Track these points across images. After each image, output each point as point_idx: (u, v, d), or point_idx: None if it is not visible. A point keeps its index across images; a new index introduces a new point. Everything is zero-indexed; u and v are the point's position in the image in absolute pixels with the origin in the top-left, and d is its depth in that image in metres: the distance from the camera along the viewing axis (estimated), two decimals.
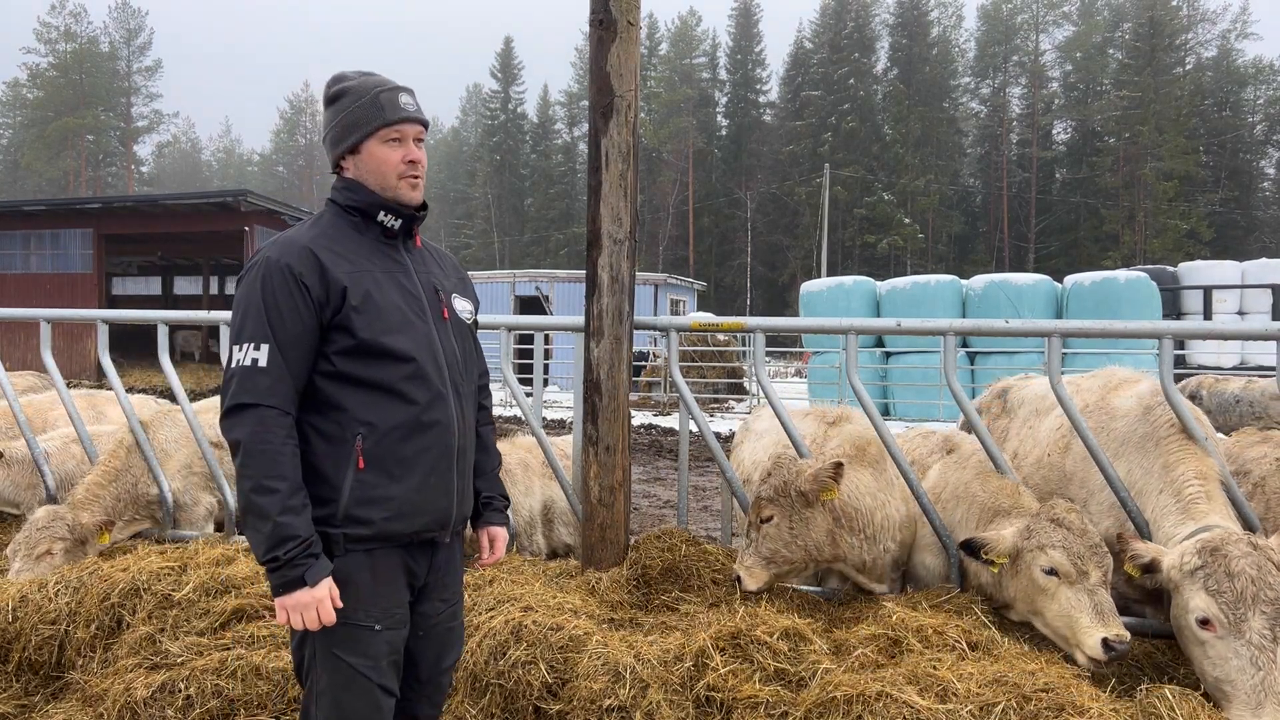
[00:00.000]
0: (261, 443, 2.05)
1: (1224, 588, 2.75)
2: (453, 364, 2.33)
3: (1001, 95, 67.01)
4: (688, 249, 64.93)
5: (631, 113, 4.01)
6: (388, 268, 2.29)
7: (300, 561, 2.03)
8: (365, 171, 2.30)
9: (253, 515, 2.05)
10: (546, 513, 4.95)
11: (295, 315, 2.13)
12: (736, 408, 19.94)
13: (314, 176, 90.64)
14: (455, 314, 2.42)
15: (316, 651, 2.18)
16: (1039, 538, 3.07)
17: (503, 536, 2.62)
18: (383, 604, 2.21)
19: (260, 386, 2.08)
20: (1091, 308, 16.16)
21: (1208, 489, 3.19)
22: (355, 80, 2.33)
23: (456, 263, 2.65)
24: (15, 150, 76.39)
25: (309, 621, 2.06)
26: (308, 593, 2.04)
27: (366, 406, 2.17)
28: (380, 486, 2.17)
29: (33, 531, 4.32)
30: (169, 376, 4.97)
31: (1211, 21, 62.99)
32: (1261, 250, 49.76)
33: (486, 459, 2.60)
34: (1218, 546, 2.83)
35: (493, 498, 2.61)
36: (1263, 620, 2.70)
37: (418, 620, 2.36)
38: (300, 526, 2.05)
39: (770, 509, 3.48)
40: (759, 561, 3.47)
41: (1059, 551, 3.01)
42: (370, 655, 2.18)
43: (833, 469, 3.40)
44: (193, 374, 23.77)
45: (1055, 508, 3.18)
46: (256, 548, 2.06)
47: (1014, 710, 2.55)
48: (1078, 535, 3.04)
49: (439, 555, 2.38)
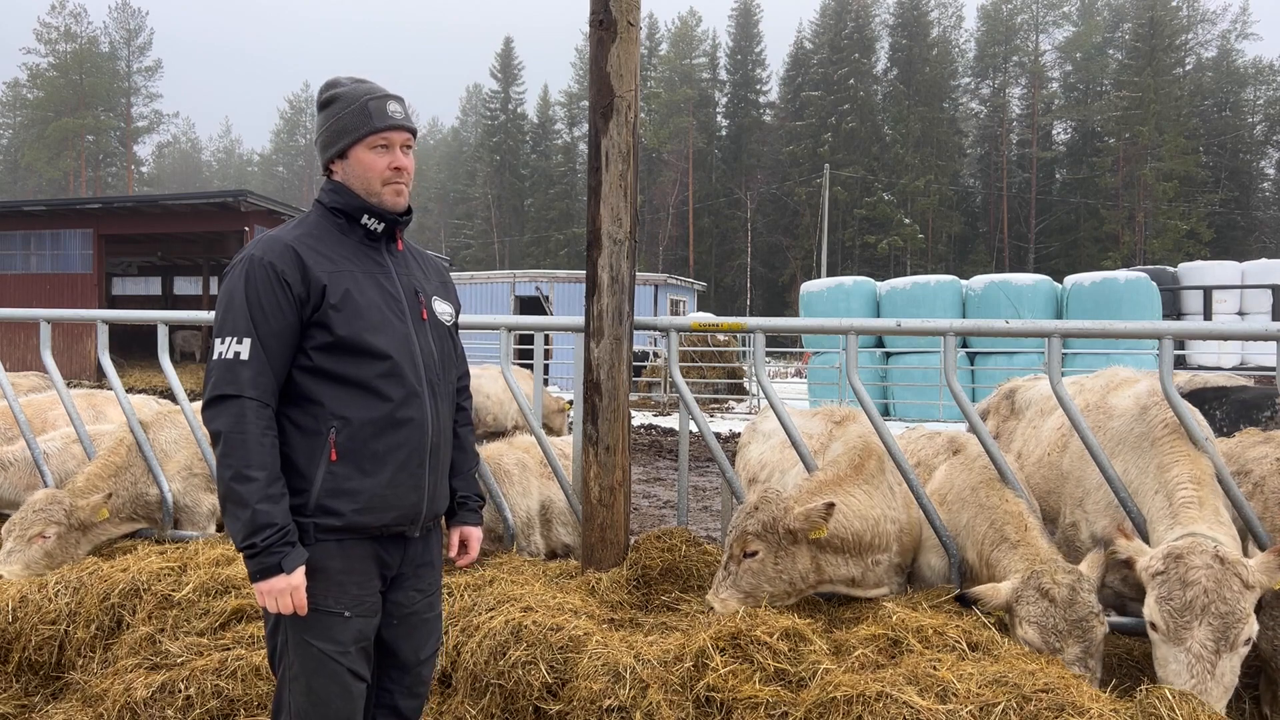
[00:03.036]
0: (241, 433, 2.12)
1: (1174, 595, 2.79)
2: (430, 364, 2.38)
3: (1001, 95, 67.01)
4: (688, 249, 64.93)
5: (631, 113, 4.01)
6: (369, 269, 2.35)
7: (278, 549, 2.10)
8: (352, 176, 2.36)
9: (232, 503, 2.11)
10: (545, 513, 4.95)
11: (277, 311, 2.19)
12: (736, 408, 19.94)
13: (314, 177, 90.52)
14: (435, 315, 2.47)
15: (289, 638, 2.24)
16: (1020, 608, 3.05)
17: (476, 536, 2.66)
18: (352, 591, 2.26)
19: (241, 379, 2.14)
20: (1091, 308, 16.17)
21: (1200, 494, 3.19)
22: (347, 87, 2.39)
23: (441, 267, 2.69)
24: (15, 150, 76.42)
25: (284, 606, 2.13)
26: (284, 579, 2.10)
27: (341, 401, 2.23)
28: (351, 479, 2.22)
29: (29, 513, 4.28)
30: (169, 377, 4.97)
31: (1211, 22, 63.13)
32: (1261, 250, 49.85)
33: (464, 459, 2.64)
34: (1181, 555, 2.85)
35: (468, 497, 2.65)
36: (1208, 631, 2.72)
37: (391, 609, 2.40)
38: (277, 514, 2.11)
39: (756, 544, 3.37)
40: (736, 594, 3.35)
41: (1033, 629, 3.00)
42: (340, 641, 2.24)
43: (824, 510, 3.32)
44: (193, 374, 23.71)
45: (1048, 575, 3.06)
46: (235, 534, 2.12)
47: (1014, 710, 2.54)
48: (1063, 608, 2.98)
49: (413, 547, 2.42)
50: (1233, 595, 2.75)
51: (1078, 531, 3.77)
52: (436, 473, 2.41)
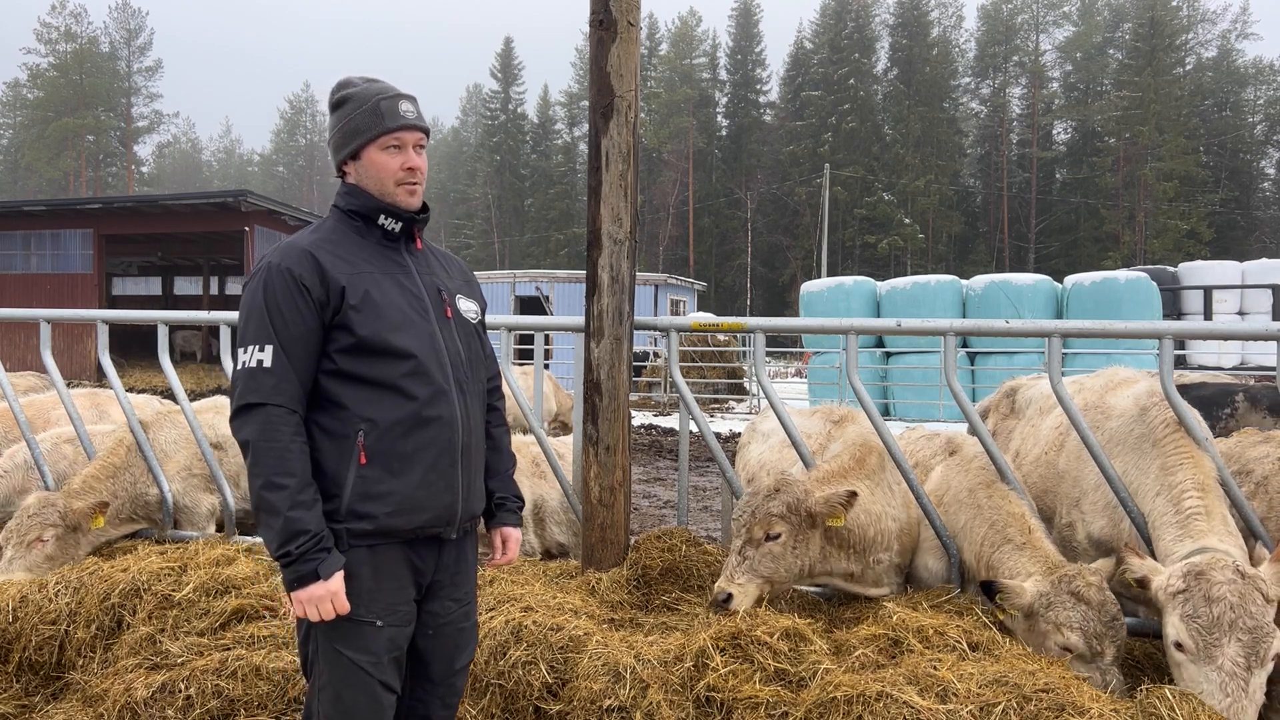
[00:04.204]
0: (269, 440, 2.10)
1: (1200, 613, 2.74)
2: (456, 361, 2.35)
3: (1001, 95, 66.99)
4: (688, 249, 64.92)
5: (631, 113, 4.01)
6: (388, 269, 2.33)
7: (313, 556, 2.07)
8: (365, 177, 2.34)
9: (264, 512, 2.09)
10: (537, 512, 4.96)
11: (297, 316, 2.17)
12: (736, 408, 19.94)
13: (314, 177, 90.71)
14: (459, 313, 2.44)
15: (320, 646, 2.21)
16: (1058, 613, 3.00)
17: (515, 537, 2.62)
18: (385, 600, 2.22)
19: (265, 386, 2.13)
20: (1091, 308, 16.17)
21: (1207, 503, 3.15)
22: (359, 87, 2.36)
23: (463, 266, 2.66)
24: (15, 150, 76.40)
25: (324, 613, 2.09)
26: (322, 586, 2.07)
27: (367, 403, 2.20)
28: (382, 482, 2.19)
29: (24, 518, 4.28)
30: (169, 377, 4.97)
31: (1211, 21, 63.10)
32: (1262, 250, 49.80)
33: (499, 459, 2.60)
34: (1203, 571, 2.80)
35: (506, 498, 2.61)
36: (1238, 647, 2.68)
37: (427, 619, 2.36)
38: (310, 521, 2.08)
39: (780, 526, 3.37)
40: (754, 579, 3.34)
41: (1076, 634, 2.96)
42: (371, 651, 2.20)
43: (846, 496, 3.35)
44: (193, 374, 23.74)
45: (1079, 578, 3.05)
46: (269, 543, 2.10)
47: (1014, 710, 2.54)
48: (1097, 610, 2.97)
49: (447, 553, 2.38)
50: (1258, 609, 2.72)
51: (1074, 531, 3.75)
52: (470, 472, 2.37)
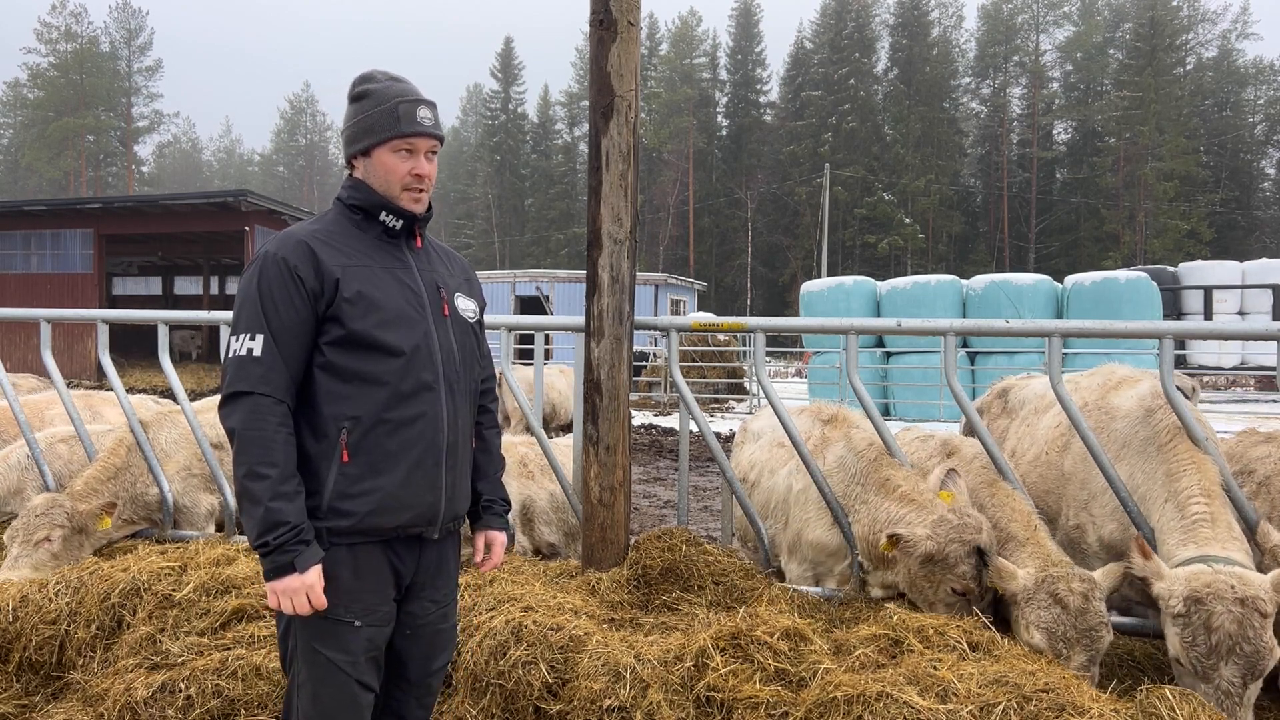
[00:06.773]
0: (254, 429, 2.08)
1: (1198, 641, 2.78)
2: (449, 360, 2.33)
3: (1002, 95, 66.98)
4: (688, 249, 64.91)
5: (632, 113, 4.01)
6: (387, 264, 2.31)
7: (291, 548, 2.05)
8: (373, 176, 2.32)
9: (246, 500, 2.08)
10: (525, 512, 4.96)
11: (289, 306, 2.15)
12: (736, 408, 19.92)
13: (314, 177, 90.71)
14: (457, 312, 2.41)
15: (298, 644, 2.21)
16: (1031, 610, 3.05)
17: (501, 540, 2.58)
18: (364, 600, 2.21)
19: (254, 375, 2.11)
20: (1092, 308, 16.17)
21: (1212, 509, 3.16)
22: (382, 84, 2.33)
23: (465, 264, 2.63)
24: (15, 150, 76.37)
25: (299, 606, 2.08)
26: (297, 578, 2.06)
27: (353, 399, 2.18)
28: (364, 479, 2.17)
29: (31, 518, 4.29)
30: (169, 377, 4.97)
31: (1211, 21, 63.11)
32: (1262, 250, 49.83)
33: (488, 461, 2.58)
34: (1201, 599, 2.81)
35: (493, 501, 2.57)
36: (1234, 669, 2.73)
37: (405, 619, 2.35)
38: (291, 512, 2.07)
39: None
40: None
41: (1042, 635, 3.00)
42: (349, 651, 2.19)
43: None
44: (193, 374, 23.76)
45: (1063, 580, 3.06)
46: (249, 532, 2.09)
47: (1014, 710, 2.54)
48: (1074, 616, 2.97)
49: (428, 553, 2.36)
50: (1255, 634, 2.74)
51: (1083, 534, 3.73)
52: (455, 472, 2.34)
